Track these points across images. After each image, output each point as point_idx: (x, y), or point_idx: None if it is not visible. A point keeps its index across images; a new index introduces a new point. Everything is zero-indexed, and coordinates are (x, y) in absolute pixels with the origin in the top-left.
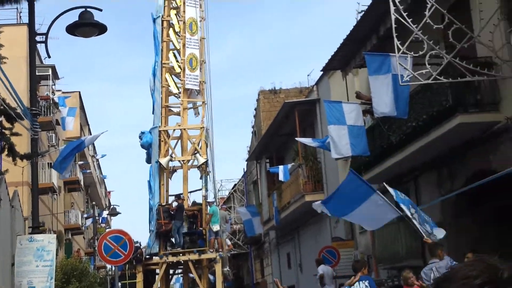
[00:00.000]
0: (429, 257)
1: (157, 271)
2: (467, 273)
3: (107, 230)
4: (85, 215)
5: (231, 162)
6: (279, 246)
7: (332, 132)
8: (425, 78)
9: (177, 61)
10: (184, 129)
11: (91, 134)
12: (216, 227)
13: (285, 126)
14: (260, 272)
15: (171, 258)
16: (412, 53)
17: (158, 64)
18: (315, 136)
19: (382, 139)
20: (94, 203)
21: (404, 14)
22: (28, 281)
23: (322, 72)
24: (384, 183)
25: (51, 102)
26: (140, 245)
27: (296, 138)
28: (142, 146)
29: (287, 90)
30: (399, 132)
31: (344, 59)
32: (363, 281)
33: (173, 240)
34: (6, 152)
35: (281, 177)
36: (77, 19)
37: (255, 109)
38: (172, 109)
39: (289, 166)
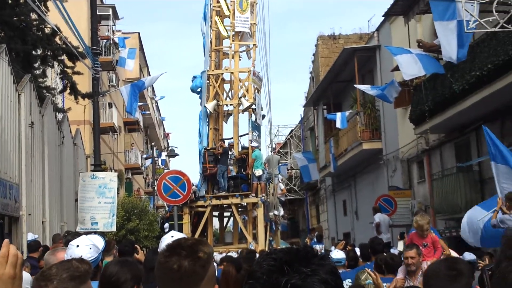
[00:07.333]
0: None
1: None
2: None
3: (166, 171)
4: (144, 156)
5: (288, 108)
6: (335, 193)
7: (399, 60)
8: (492, 26)
9: (226, 3)
10: (232, 72)
11: (150, 76)
12: (258, 172)
13: (344, 72)
14: (316, 218)
15: (215, 202)
16: None
17: (208, 7)
18: (374, 84)
19: (444, 88)
20: (153, 144)
21: None
22: (91, 216)
23: (383, 18)
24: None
25: (111, 42)
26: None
27: (355, 85)
28: (192, 90)
29: (347, 36)
30: (462, 81)
31: (407, 4)
32: None
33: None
34: (68, 91)
35: (338, 124)
36: None
37: (314, 55)
38: (226, 52)
39: (347, 113)
